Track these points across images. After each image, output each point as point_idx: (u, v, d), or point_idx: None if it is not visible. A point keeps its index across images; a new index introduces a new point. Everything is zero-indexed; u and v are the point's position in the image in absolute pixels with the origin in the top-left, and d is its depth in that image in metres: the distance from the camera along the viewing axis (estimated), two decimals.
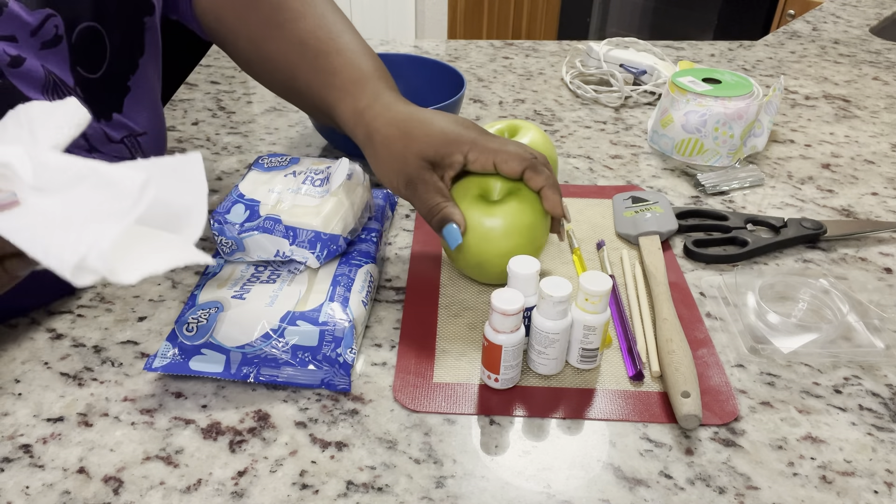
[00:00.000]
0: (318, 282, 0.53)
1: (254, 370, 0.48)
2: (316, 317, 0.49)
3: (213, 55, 1.08)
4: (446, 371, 0.50)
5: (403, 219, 0.68)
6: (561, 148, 0.82)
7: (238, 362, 0.48)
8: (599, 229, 0.66)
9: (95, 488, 0.42)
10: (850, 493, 0.42)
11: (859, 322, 0.54)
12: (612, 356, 0.51)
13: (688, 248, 0.62)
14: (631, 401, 0.48)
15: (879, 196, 0.73)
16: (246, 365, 0.48)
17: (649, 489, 0.42)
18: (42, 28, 0.50)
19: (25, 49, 0.49)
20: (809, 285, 0.57)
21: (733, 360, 0.52)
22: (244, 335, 0.48)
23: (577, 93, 0.96)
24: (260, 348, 0.48)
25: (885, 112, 0.92)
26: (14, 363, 0.50)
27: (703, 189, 0.73)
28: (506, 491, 0.42)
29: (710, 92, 0.76)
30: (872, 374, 0.51)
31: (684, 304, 0.56)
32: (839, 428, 0.46)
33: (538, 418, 0.47)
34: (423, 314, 0.55)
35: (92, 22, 0.53)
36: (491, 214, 0.52)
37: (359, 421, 0.46)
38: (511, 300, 0.45)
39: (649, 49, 1.05)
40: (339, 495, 0.42)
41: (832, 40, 1.18)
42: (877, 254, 0.64)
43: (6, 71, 0.48)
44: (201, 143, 0.81)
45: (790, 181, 0.75)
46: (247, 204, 0.55)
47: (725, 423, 0.46)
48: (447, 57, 1.09)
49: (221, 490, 0.42)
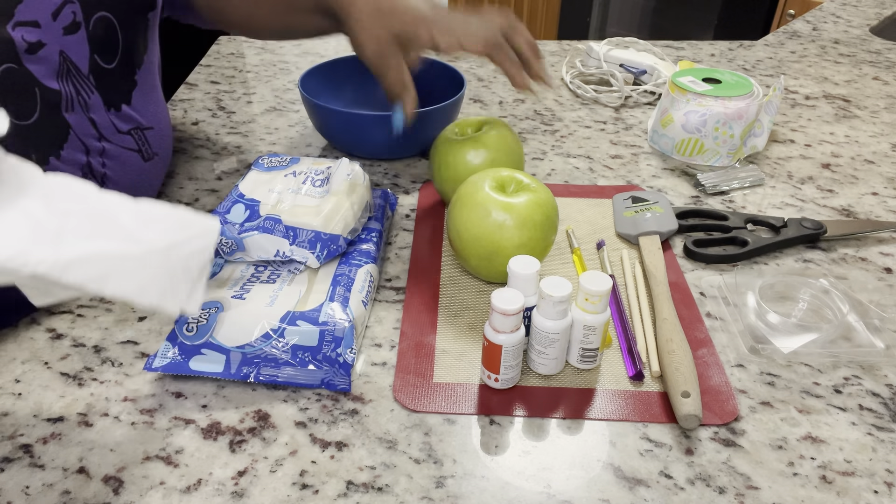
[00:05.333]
0: (318, 282, 0.53)
1: (254, 370, 0.48)
2: (316, 317, 0.49)
3: (213, 55, 1.08)
4: (446, 371, 0.50)
5: (403, 219, 0.68)
6: (561, 148, 0.82)
7: (238, 362, 0.48)
8: (599, 229, 0.66)
9: (95, 488, 0.42)
10: (850, 493, 0.42)
11: (859, 322, 0.54)
12: (612, 356, 0.51)
13: (688, 248, 0.62)
14: (631, 401, 0.48)
15: (879, 196, 0.73)
16: (246, 365, 0.48)
17: (649, 489, 0.42)
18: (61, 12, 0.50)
19: (48, 34, 0.50)
20: (809, 285, 0.57)
21: (733, 360, 0.52)
22: (244, 335, 0.48)
23: (577, 93, 0.96)
24: (260, 348, 0.48)
25: (885, 112, 0.92)
26: (14, 363, 0.50)
27: (703, 189, 0.73)
28: (506, 491, 0.42)
29: (710, 92, 0.76)
30: (872, 374, 0.51)
31: (684, 304, 0.56)
32: (839, 428, 0.46)
33: (538, 418, 0.47)
34: (423, 314, 0.55)
35: (106, 12, 0.54)
36: (506, 206, 0.53)
37: (359, 421, 0.46)
38: (511, 300, 0.45)
39: (649, 49, 1.05)
40: (339, 495, 0.42)
41: (832, 40, 1.18)
42: (877, 254, 0.64)
43: (23, 57, 0.48)
44: (201, 143, 0.81)
45: (790, 181, 0.75)
46: (247, 204, 0.55)
47: (725, 423, 0.46)
48: (447, 57, 1.09)
49: (221, 490, 0.42)
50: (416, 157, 0.79)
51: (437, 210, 0.69)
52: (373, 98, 0.86)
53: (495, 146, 0.63)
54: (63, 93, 0.52)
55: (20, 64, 0.48)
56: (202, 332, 0.48)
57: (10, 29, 0.47)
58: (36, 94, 0.50)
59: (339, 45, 1.13)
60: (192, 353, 0.48)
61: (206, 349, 0.48)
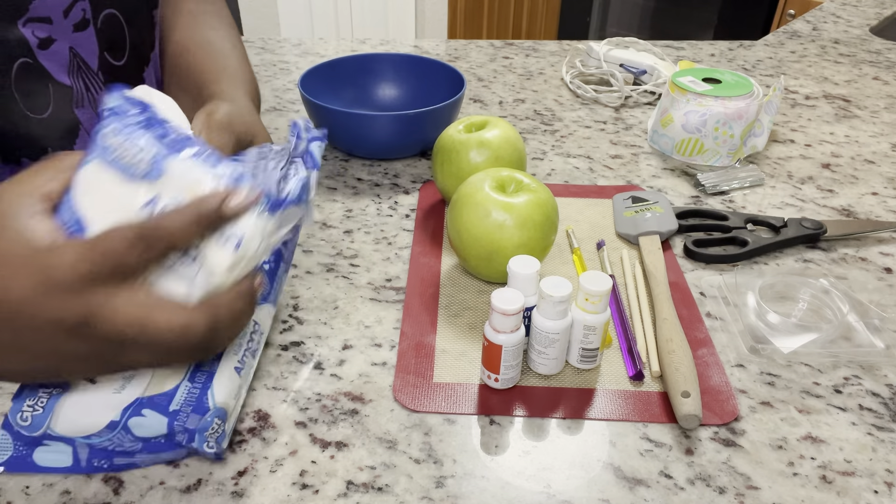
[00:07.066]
0: None
1: (106, 461, 0.42)
2: (165, 404, 0.40)
3: None
4: (446, 371, 0.50)
5: (403, 219, 0.68)
6: (561, 148, 0.82)
7: (87, 454, 0.41)
8: (599, 229, 0.66)
9: (95, 488, 0.42)
10: (850, 493, 0.42)
11: (859, 322, 0.54)
12: (612, 356, 0.51)
13: (688, 248, 0.62)
14: (631, 401, 0.48)
15: (879, 196, 0.73)
16: (96, 457, 0.41)
17: (649, 489, 0.42)
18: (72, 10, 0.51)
19: (58, 31, 0.50)
20: (809, 285, 0.57)
21: (733, 360, 0.52)
22: (89, 425, 0.40)
23: (577, 93, 0.96)
24: (107, 438, 0.40)
25: (885, 112, 0.92)
26: None
27: (703, 189, 0.73)
28: (506, 491, 0.42)
29: (710, 92, 0.76)
30: (872, 373, 0.51)
31: (684, 304, 0.56)
32: (839, 428, 0.46)
33: (538, 418, 0.47)
34: (423, 314, 0.55)
35: (113, 9, 0.54)
36: (506, 205, 0.53)
37: (359, 421, 0.46)
38: (511, 300, 0.45)
39: (649, 49, 1.05)
40: (339, 495, 0.42)
41: (832, 40, 1.18)
42: (877, 254, 0.64)
43: (37, 52, 0.49)
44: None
45: (790, 181, 0.75)
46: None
47: (725, 423, 0.46)
48: (447, 57, 1.09)
49: (221, 490, 0.42)
50: (416, 157, 0.79)
51: (437, 210, 0.69)
52: (373, 98, 0.86)
53: (498, 145, 0.63)
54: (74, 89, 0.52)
55: (35, 59, 0.49)
56: (38, 423, 0.40)
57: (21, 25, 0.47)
58: (49, 90, 0.50)
59: (340, 46, 1.13)
60: (34, 444, 0.41)
61: (48, 440, 0.40)
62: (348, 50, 1.11)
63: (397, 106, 0.85)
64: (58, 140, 0.52)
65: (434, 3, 2.58)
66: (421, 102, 0.83)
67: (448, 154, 0.64)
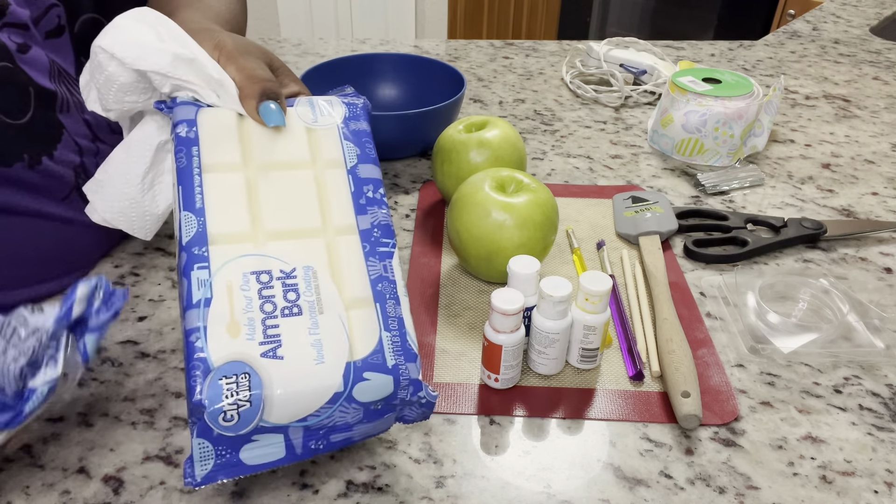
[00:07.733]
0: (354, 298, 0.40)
1: (323, 441, 0.39)
2: (381, 362, 0.38)
3: None
4: (446, 371, 0.50)
5: (403, 219, 0.68)
6: (561, 148, 0.82)
7: (301, 439, 0.38)
8: (599, 229, 0.66)
9: (95, 488, 0.42)
10: (850, 493, 0.42)
11: (859, 322, 0.54)
12: (612, 356, 0.51)
13: (688, 248, 0.62)
14: (631, 401, 0.48)
15: (879, 196, 0.73)
16: (312, 439, 0.38)
17: (649, 489, 0.42)
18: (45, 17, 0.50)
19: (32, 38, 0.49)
20: (809, 285, 0.57)
21: (733, 360, 0.52)
22: (304, 408, 0.37)
23: (577, 93, 0.96)
24: (327, 415, 0.37)
25: (885, 112, 0.92)
26: None
27: (703, 189, 0.73)
28: (506, 491, 0.42)
29: (710, 92, 0.76)
30: (872, 373, 0.51)
31: (684, 304, 0.56)
32: (839, 428, 0.46)
33: (538, 418, 0.47)
34: (423, 314, 0.55)
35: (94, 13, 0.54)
36: (506, 205, 0.54)
37: None
38: (511, 300, 0.45)
39: (649, 49, 1.05)
40: (339, 495, 0.42)
41: (832, 40, 1.18)
42: (877, 254, 0.64)
43: (16, 56, 0.48)
44: None
45: (790, 181, 0.75)
46: None
47: (725, 423, 0.46)
48: (447, 57, 1.09)
49: (221, 490, 0.42)
50: (416, 157, 0.79)
51: (437, 210, 0.69)
52: (373, 98, 0.86)
53: (498, 145, 0.63)
54: (59, 94, 0.52)
55: (14, 63, 0.49)
56: (247, 419, 0.36)
57: None
58: (30, 93, 0.50)
59: (339, 45, 1.13)
60: (240, 443, 0.37)
61: (256, 434, 0.37)
62: (348, 50, 1.11)
63: (397, 106, 0.85)
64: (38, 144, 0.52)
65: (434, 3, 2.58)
66: (421, 102, 0.83)
67: (448, 154, 0.64)
